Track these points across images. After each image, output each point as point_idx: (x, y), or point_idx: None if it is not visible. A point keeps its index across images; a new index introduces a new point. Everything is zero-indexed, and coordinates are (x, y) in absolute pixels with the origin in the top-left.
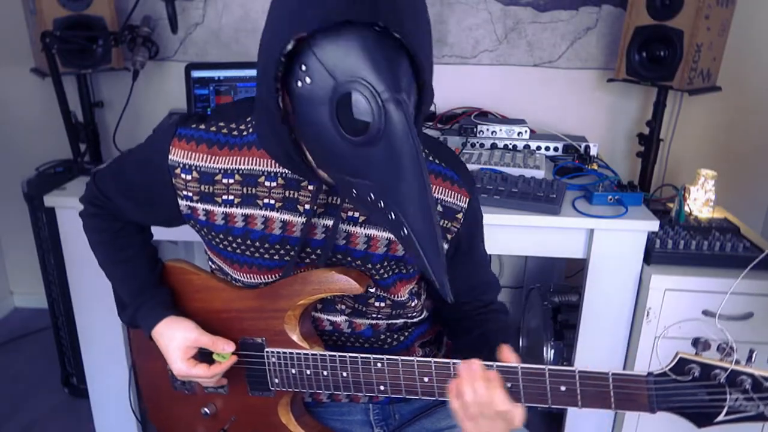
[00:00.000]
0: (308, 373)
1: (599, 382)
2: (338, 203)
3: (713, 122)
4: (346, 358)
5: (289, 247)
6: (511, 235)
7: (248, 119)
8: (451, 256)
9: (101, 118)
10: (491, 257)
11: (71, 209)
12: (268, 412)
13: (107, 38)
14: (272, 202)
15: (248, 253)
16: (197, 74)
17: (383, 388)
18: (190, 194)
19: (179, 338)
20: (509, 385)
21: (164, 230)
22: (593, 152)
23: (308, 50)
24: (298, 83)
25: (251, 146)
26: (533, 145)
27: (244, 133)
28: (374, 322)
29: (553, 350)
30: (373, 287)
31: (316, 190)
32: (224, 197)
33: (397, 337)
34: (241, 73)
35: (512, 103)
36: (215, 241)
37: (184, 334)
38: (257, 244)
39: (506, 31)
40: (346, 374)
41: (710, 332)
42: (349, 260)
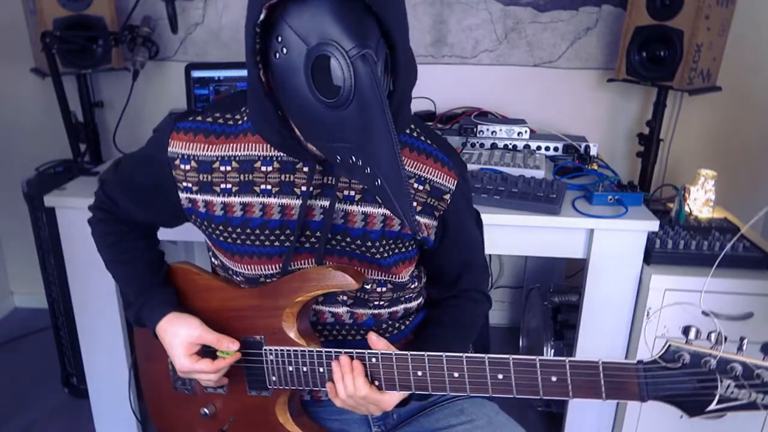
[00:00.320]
0: (304, 370)
1: (589, 371)
2: (334, 183)
3: (713, 122)
4: (341, 353)
5: (289, 231)
6: (511, 235)
7: (243, 109)
8: (440, 237)
9: (101, 118)
10: (491, 257)
11: (71, 209)
12: (266, 412)
13: (107, 38)
14: (269, 187)
15: (248, 242)
16: (197, 74)
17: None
18: (189, 185)
19: (183, 334)
20: (501, 377)
21: (165, 230)
22: (593, 152)
23: (281, 20)
24: (276, 55)
25: (246, 133)
26: (533, 145)
27: (239, 122)
28: (376, 311)
29: (553, 350)
30: (374, 272)
31: (310, 171)
32: (222, 186)
33: (398, 326)
34: (241, 73)
35: (512, 103)
36: (215, 234)
37: (188, 330)
38: (257, 231)
39: (506, 31)
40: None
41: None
42: (348, 240)
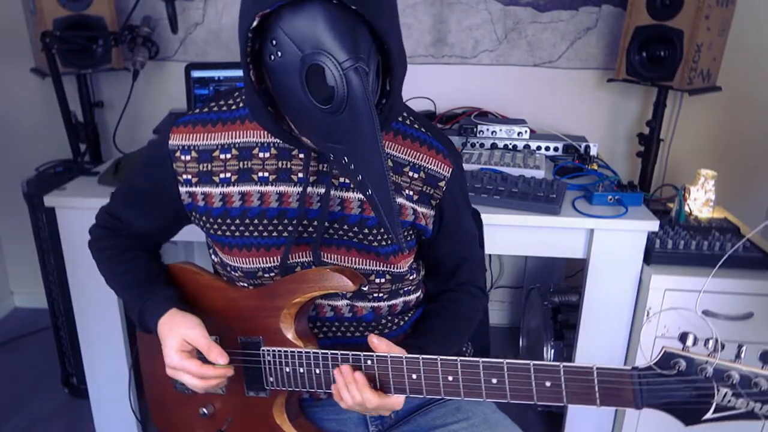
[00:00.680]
0: (301, 371)
1: (584, 376)
2: (328, 170)
3: (713, 122)
4: (337, 355)
5: (287, 221)
6: (511, 235)
7: (236, 94)
8: (438, 227)
9: (101, 118)
10: (491, 257)
11: (71, 209)
12: (263, 413)
13: (107, 38)
14: (266, 175)
15: (247, 233)
16: (197, 74)
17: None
18: (189, 177)
19: (179, 330)
20: (495, 381)
21: None
22: (593, 152)
23: (275, 25)
24: (270, 57)
25: (244, 120)
26: (533, 145)
27: (233, 107)
28: (375, 304)
29: (553, 350)
30: (372, 262)
31: (306, 157)
32: (222, 175)
33: (397, 322)
34: (241, 73)
35: (512, 103)
36: (213, 228)
37: (185, 328)
38: (255, 221)
39: (506, 31)
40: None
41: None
42: (345, 228)
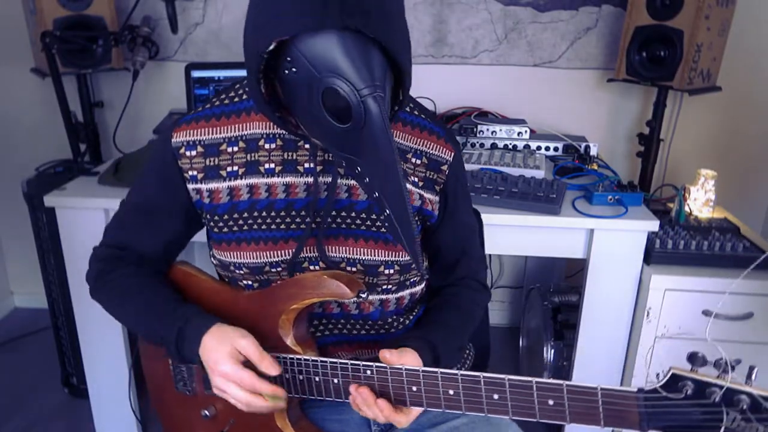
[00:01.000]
0: (300, 378)
1: (588, 396)
2: (334, 159)
3: (713, 122)
4: (336, 364)
5: (294, 212)
6: (511, 235)
7: (236, 86)
8: (441, 213)
9: (101, 118)
10: (491, 257)
11: (71, 209)
12: (265, 416)
13: (107, 38)
14: (272, 166)
15: (255, 226)
16: (197, 74)
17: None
18: (195, 173)
19: (229, 341)
20: (496, 397)
21: None
22: (593, 152)
23: (292, 45)
24: (285, 71)
25: (249, 112)
26: (533, 145)
27: (235, 99)
28: (384, 296)
29: (553, 350)
30: (381, 252)
31: (312, 147)
32: (229, 169)
33: (402, 320)
34: (241, 73)
35: (512, 103)
36: (218, 226)
37: (237, 338)
38: (264, 214)
39: (506, 31)
40: (336, 381)
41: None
42: (353, 216)
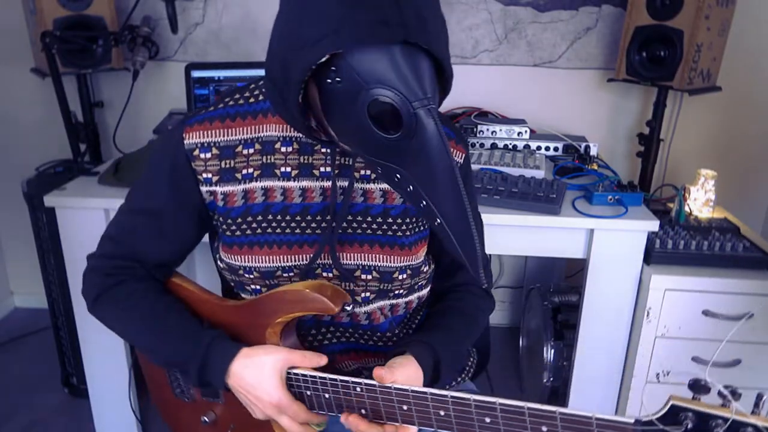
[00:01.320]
0: (292, 390)
1: (582, 426)
2: (351, 163)
3: (713, 122)
4: (326, 380)
5: (309, 217)
6: (511, 235)
7: (252, 86)
8: None
9: (101, 118)
10: (491, 257)
11: (71, 209)
12: (263, 423)
13: (107, 38)
14: (288, 170)
15: (269, 230)
16: (197, 74)
17: (364, 412)
18: (209, 176)
19: (269, 363)
20: (488, 420)
21: None
22: (593, 152)
23: (340, 57)
24: (328, 80)
25: (266, 113)
26: (533, 145)
27: (251, 100)
28: (395, 301)
29: (553, 350)
30: (395, 258)
31: (332, 153)
32: (244, 171)
33: (407, 331)
34: (241, 73)
35: (512, 103)
36: (231, 229)
37: (273, 356)
38: (279, 217)
39: (506, 31)
40: (328, 396)
41: (708, 334)
42: (369, 220)
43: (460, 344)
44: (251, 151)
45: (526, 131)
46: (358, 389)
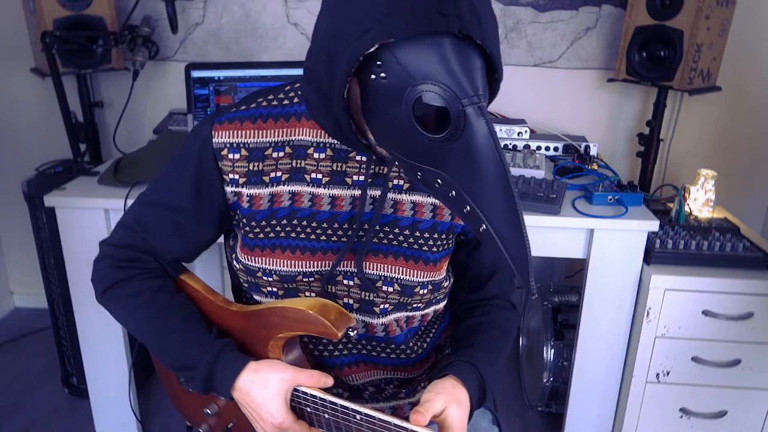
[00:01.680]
0: (292, 404)
1: None
2: (386, 173)
3: (713, 122)
4: (326, 401)
5: (336, 225)
6: None
7: (287, 89)
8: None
9: (101, 118)
10: None
11: (71, 209)
12: None
13: (107, 38)
14: (319, 177)
15: (293, 234)
16: (197, 74)
17: None
18: (236, 177)
19: (275, 381)
20: None
21: None
22: (593, 152)
23: (387, 49)
24: (372, 76)
25: (300, 117)
26: (533, 145)
27: (284, 102)
28: (411, 314)
29: (553, 350)
30: (419, 273)
31: (368, 161)
32: (272, 175)
33: (421, 343)
34: (241, 73)
35: (512, 103)
36: (254, 232)
37: (279, 374)
38: (304, 223)
39: (506, 31)
40: (327, 416)
41: (708, 334)
42: (396, 232)
43: (498, 359)
44: (281, 154)
45: (526, 131)
46: (358, 417)
